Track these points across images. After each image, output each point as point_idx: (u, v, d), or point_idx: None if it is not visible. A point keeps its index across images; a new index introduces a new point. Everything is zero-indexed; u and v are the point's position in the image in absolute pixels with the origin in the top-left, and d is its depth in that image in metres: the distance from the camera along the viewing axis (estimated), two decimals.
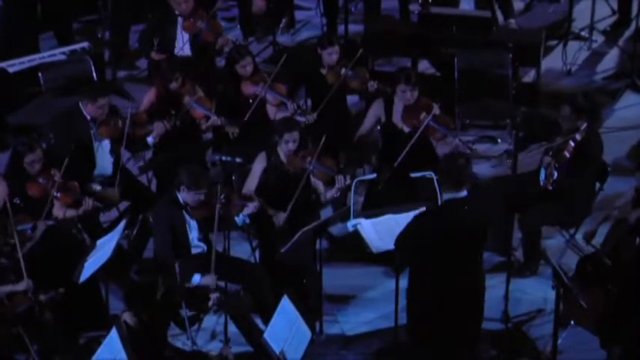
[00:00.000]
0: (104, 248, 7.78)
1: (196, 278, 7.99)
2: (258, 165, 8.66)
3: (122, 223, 7.90)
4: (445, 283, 7.08)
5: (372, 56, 11.12)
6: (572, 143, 8.61)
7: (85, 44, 11.11)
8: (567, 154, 8.59)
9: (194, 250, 8.24)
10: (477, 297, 7.26)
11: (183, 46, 10.45)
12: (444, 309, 7.11)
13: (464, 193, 7.06)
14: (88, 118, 8.93)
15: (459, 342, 7.24)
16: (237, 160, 9.10)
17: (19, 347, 7.74)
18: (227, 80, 9.66)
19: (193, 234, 8.21)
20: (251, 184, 8.65)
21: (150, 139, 9.20)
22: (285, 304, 7.10)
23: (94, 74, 10.53)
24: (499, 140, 10.64)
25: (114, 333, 6.72)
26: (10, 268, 7.82)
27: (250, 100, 9.51)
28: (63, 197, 8.42)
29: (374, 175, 8.71)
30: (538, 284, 8.72)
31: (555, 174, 8.56)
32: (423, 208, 7.48)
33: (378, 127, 9.38)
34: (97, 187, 8.91)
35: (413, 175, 8.66)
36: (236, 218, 8.30)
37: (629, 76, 11.42)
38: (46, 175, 8.42)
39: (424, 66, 11.55)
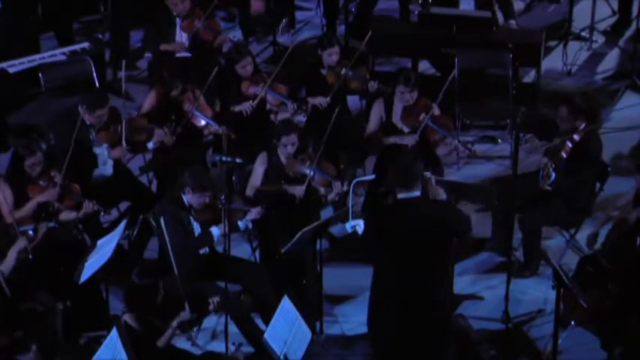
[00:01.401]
0: (104, 249, 7.78)
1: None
2: (260, 165, 8.66)
3: (122, 224, 7.90)
4: (401, 282, 7.09)
5: (372, 56, 11.13)
6: (569, 144, 8.59)
7: (85, 44, 11.10)
8: (564, 155, 8.58)
9: None
10: (440, 296, 7.22)
11: None
12: (406, 309, 7.10)
13: (417, 193, 7.08)
14: (87, 123, 8.92)
15: (428, 343, 7.22)
16: (238, 160, 9.08)
17: (19, 347, 7.73)
18: (227, 80, 9.66)
19: None
20: (255, 183, 8.64)
21: (150, 145, 9.18)
22: (286, 305, 7.10)
23: (94, 74, 10.52)
24: (499, 140, 10.64)
25: (114, 333, 6.73)
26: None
27: (251, 101, 9.51)
28: (64, 200, 8.41)
29: (373, 176, 8.69)
30: (538, 284, 8.72)
31: (553, 175, 8.55)
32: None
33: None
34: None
35: None
36: (239, 223, 8.30)
37: (629, 77, 11.42)
38: (47, 178, 8.40)
39: (424, 66, 11.56)
